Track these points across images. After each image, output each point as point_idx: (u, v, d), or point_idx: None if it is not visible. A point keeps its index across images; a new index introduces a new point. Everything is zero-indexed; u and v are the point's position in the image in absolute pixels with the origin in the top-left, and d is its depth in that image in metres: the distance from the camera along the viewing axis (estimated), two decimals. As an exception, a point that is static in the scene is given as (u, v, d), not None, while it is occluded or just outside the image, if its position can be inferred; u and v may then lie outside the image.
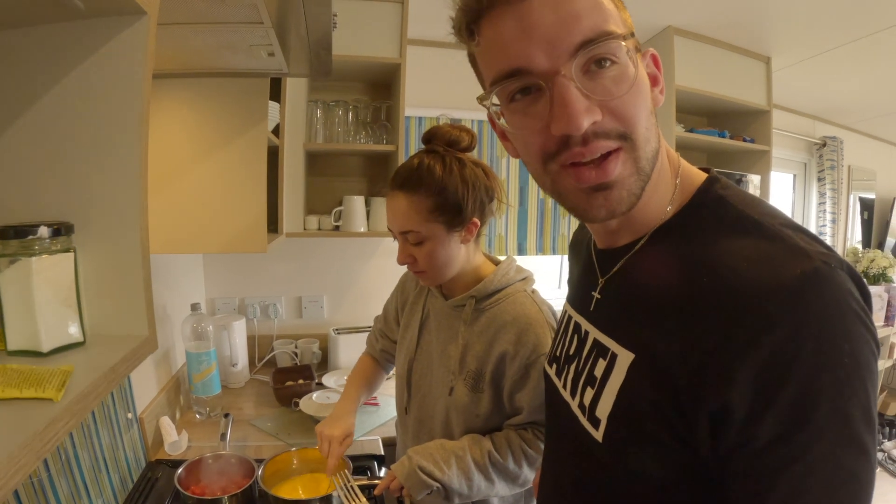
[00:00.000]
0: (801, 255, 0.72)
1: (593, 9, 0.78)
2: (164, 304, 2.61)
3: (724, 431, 0.73)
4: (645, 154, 0.82)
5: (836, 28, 3.37)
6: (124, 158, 1.03)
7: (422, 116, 3.55)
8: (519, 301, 1.66)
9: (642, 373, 0.85)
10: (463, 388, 1.66)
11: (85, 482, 1.68)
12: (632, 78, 0.79)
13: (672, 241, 0.89)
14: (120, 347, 1.02)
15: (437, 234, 1.61)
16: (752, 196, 0.88)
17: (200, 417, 2.64)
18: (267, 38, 1.61)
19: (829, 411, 0.67)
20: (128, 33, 1.00)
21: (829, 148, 5.21)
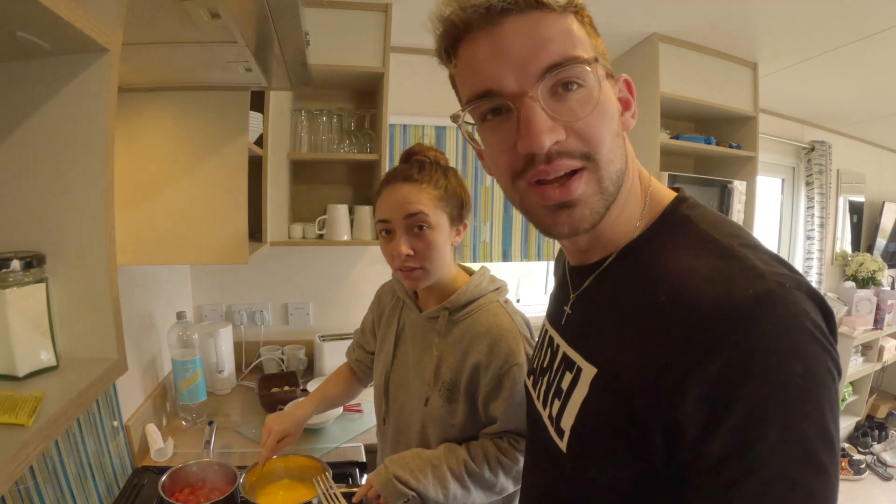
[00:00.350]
0: (754, 276, 0.74)
1: (562, 35, 0.82)
2: (150, 312, 2.63)
3: (677, 447, 0.75)
4: (609, 174, 0.85)
5: (822, 34, 3.38)
6: (91, 189, 1.05)
7: (406, 124, 3.56)
8: (492, 312, 1.67)
9: (603, 387, 0.88)
10: (438, 398, 1.67)
11: (71, 489, 1.70)
12: (596, 101, 0.83)
13: (637, 260, 0.92)
14: (90, 371, 1.05)
15: (442, 224, 1.64)
16: (718, 216, 0.91)
17: (187, 424, 2.65)
18: (242, 56, 1.63)
19: (781, 430, 0.68)
20: (92, 70, 1.03)
21: (817, 152, 5.22)
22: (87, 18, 0.94)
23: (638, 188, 0.96)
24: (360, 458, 2.43)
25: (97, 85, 1.04)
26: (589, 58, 0.82)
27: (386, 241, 1.66)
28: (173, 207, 2.09)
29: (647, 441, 0.79)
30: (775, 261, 0.79)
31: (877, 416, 5.94)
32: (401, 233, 1.62)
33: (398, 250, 1.61)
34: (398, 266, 1.65)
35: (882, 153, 6.37)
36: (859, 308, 5.39)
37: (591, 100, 0.83)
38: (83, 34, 0.94)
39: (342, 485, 1.89)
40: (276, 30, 1.56)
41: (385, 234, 1.66)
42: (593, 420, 0.90)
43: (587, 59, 0.82)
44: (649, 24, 3.35)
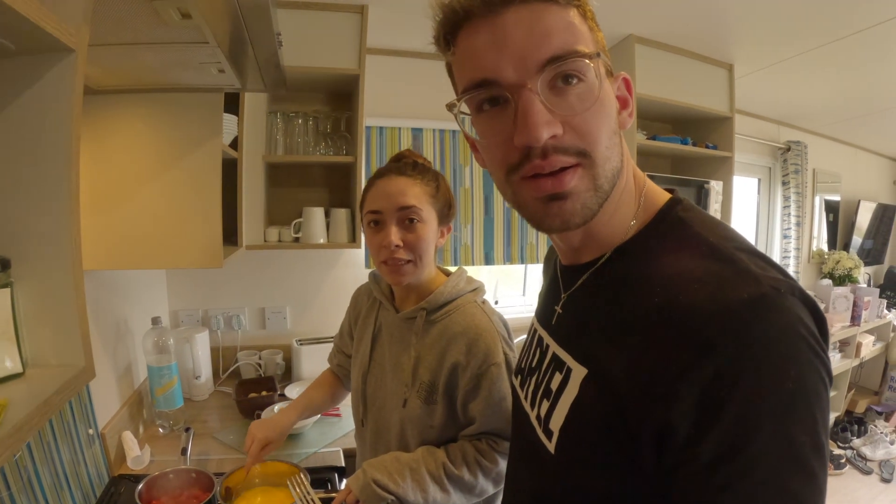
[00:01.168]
0: (749, 280, 0.74)
1: (565, 28, 0.81)
2: (125, 318, 2.60)
3: (667, 450, 0.74)
4: (604, 172, 0.84)
5: (797, 36, 3.41)
6: (56, 193, 1.04)
7: (382, 126, 3.54)
8: (469, 312, 1.68)
9: (594, 388, 0.87)
10: (416, 399, 1.67)
11: (46, 499, 1.67)
12: (596, 97, 0.82)
13: (630, 260, 0.91)
14: (57, 378, 1.03)
15: (432, 220, 1.65)
16: (713, 219, 0.90)
17: (164, 431, 2.62)
18: (215, 57, 1.62)
19: (772, 434, 0.67)
20: (57, 70, 1.01)
21: (793, 152, 5.27)
22: (52, 18, 0.93)
23: (633, 188, 0.96)
24: (339, 462, 2.42)
25: (62, 86, 1.03)
26: (590, 52, 0.82)
27: (374, 233, 1.66)
28: (147, 211, 2.07)
29: (637, 443, 0.78)
30: (770, 265, 0.78)
31: (856, 412, 6.01)
32: (392, 223, 1.62)
33: (388, 240, 1.60)
34: (385, 257, 1.64)
35: (857, 153, 6.45)
36: (836, 305, 5.44)
37: (591, 95, 0.82)
38: (47, 34, 0.93)
39: (320, 490, 1.87)
40: (247, 30, 1.55)
41: (373, 226, 1.66)
42: (583, 421, 0.89)
43: (588, 54, 0.81)
44: (625, 25, 3.37)
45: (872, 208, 6.61)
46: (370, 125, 3.49)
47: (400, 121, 3.56)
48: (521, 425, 1.12)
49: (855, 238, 6.42)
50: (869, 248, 6.69)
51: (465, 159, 3.78)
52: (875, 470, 5.08)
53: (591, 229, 0.93)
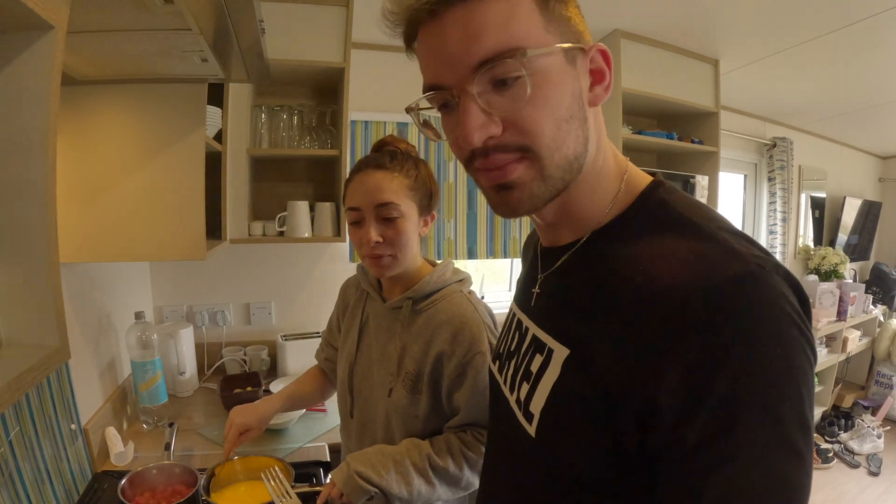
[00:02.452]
0: (734, 258, 0.73)
1: (500, 25, 0.79)
2: (108, 312, 2.58)
3: (652, 431, 0.73)
4: (553, 162, 0.84)
5: (783, 32, 3.43)
6: (32, 173, 1.02)
7: (367, 121, 3.53)
8: (455, 301, 1.68)
9: (576, 368, 0.86)
10: (402, 389, 1.66)
11: (28, 495, 1.64)
12: (536, 92, 0.81)
13: (611, 242, 0.90)
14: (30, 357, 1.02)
15: (412, 213, 1.64)
16: (695, 201, 0.90)
17: (148, 427, 2.60)
18: (197, 45, 1.61)
19: (760, 413, 0.67)
20: (36, 48, 1.00)
21: (779, 149, 5.30)
22: (33, -7, 0.91)
23: (612, 170, 0.95)
24: (324, 457, 2.40)
25: (40, 64, 1.02)
26: (530, 45, 0.79)
27: (355, 229, 1.66)
28: (129, 203, 2.05)
29: (621, 424, 0.77)
30: (752, 244, 0.78)
31: (843, 406, 6.05)
32: (371, 220, 1.61)
33: (367, 237, 1.60)
34: (367, 253, 1.65)
35: (842, 149, 6.49)
36: (822, 301, 5.46)
37: (533, 91, 0.81)
38: (27, 8, 0.91)
39: (304, 484, 1.86)
40: (230, 16, 1.54)
41: (354, 224, 1.66)
42: (565, 402, 0.87)
43: (523, 49, 0.79)
44: (611, 20, 3.38)
45: (858, 205, 6.64)
46: (355, 119, 3.48)
47: (385, 115, 3.55)
48: (500, 411, 1.11)
49: (840, 235, 6.45)
50: (855, 244, 6.73)
51: (450, 154, 3.77)
52: (862, 464, 5.11)
53: (567, 210, 0.94)
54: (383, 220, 1.61)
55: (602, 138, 0.92)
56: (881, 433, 5.41)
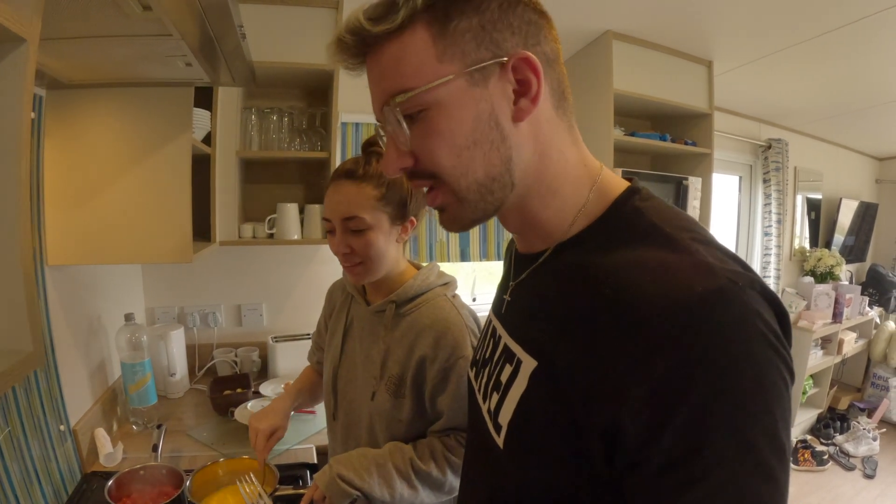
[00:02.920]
0: (705, 272, 0.71)
1: (393, 67, 0.84)
2: (98, 314, 2.58)
3: (617, 450, 0.72)
4: (462, 187, 0.87)
5: (778, 32, 3.42)
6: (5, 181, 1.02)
7: (358, 122, 3.53)
8: (438, 305, 1.68)
9: (543, 382, 0.84)
10: (385, 393, 1.66)
11: (16, 495, 1.66)
12: (431, 124, 0.84)
13: (582, 251, 0.88)
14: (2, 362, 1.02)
15: (381, 224, 1.63)
16: (672, 209, 0.87)
17: (137, 428, 2.61)
18: (180, 50, 1.61)
19: (729, 436, 0.65)
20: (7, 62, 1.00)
21: (774, 150, 5.29)
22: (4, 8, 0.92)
23: (577, 177, 0.92)
24: (312, 459, 2.41)
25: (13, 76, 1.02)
26: (417, 83, 0.82)
27: (331, 238, 1.67)
28: (117, 205, 2.06)
29: (586, 442, 0.75)
30: (729, 257, 0.75)
31: (838, 408, 6.05)
32: (339, 231, 1.64)
33: (336, 247, 1.65)
34: (340, 261, 1.68)
35: (838, 151, 6.49)
36: (818, 302, 5.46)
37: (423, 127, 0.84)
38: (-1, 24, 0.92)
39: (289, 487, 1.86)
40: (208, 23, 1.54)
41: (330, 233, 1.68)
42: (531, 416, 0.86)
43: (408, 88, 0.82)
44: (602, 21, 3.36)
45: (854, 206, 6.64)
46: (346, 121, 3.49)
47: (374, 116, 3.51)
48: (475, 419, 1.11)
49: (837, 236, 6.44)
50: (851, 246, 6.73)
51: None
52: (858, 466, 5.11)
53: (527, 220, 0.94)
54: (351, 232, 1.63)
55: (550, 149, 0.89)
56: (877, 435, 5.42)
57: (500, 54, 0.83)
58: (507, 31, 0.83)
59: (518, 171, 0.87)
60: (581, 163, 0.93)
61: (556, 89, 0.89)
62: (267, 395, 2.87)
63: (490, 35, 0.82)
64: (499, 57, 0.83)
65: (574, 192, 0.92)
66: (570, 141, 0.92)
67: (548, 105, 0.88)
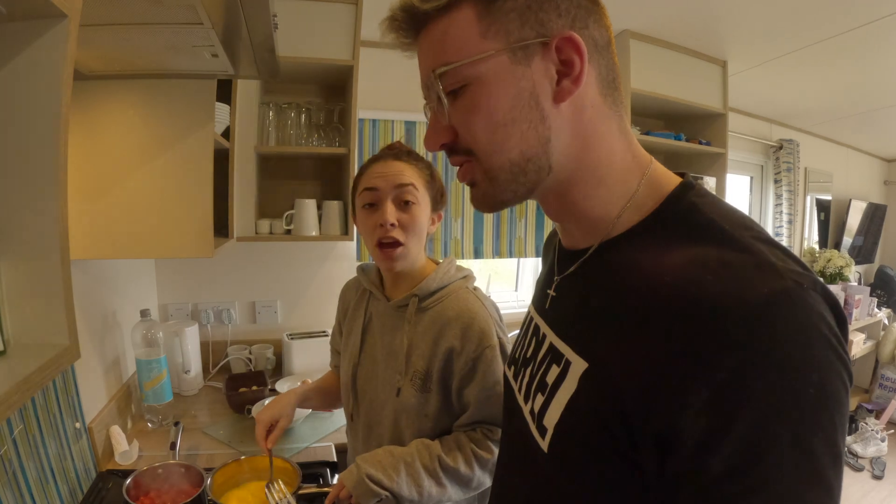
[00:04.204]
0: (770, 272, 0.68)
1: (439, 43, 0.87)
2: (113, 310, 2.56)
3: (672, 457, 0.68)
4: (495, 164, 0.87)
5: (791, 33, 3.42)
6: (43, 165, 1.01)
7: (375, 119, 3.52)
8: (461, 297, 1.69)
9: (594, 384, 0.81)
10: (410, 388, 1.65)
11: (32, 494, 1.63)
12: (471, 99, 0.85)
13: (634, 247, 0.85)
14: (39, 357, 1.00)
15: (426, 204, 1.68)
16: (728, 206, 0.84)
17: (152, 426, 2.59)
18: (208, 39, 1.59)
19: (791, 444, 0.62)
20: (48, 37, 0.98)
21: (785, 150, 5.28)
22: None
23: (625, 167, 0.89)
24: (331, 457, 2.39)
25: (53, 53, 1.00)
26: (459, 58, 0.84)
27: (368, 214, 1.66)
28: (137, 199, 2.03)
29: (638, 447, 0.73)
30: (790, 257, 0.72)
31: (848, 410, 6.03)
32: (388, 202, 1.63)
33: (384, 218, 1.61)
34: (380, 237, 1.64)
35: (848, 152, 6.48)
36: (827, 304, 5.45)
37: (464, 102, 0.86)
38: (41, -3, 0.89)
39: (312, 485, 1.84)
40: (243, 10, 1.51)
41: (368, 207, 1.67)
42: (580, 419, 0.82)
43: (450, 63, 0.85)
44: (621, 20, 3.36)
45: (863, 207, 6.63)
46: (363, 117, 3.47)
47: (393, 114, 3.54)
48: (514, 420, 1.07)
49: (845, 237, 6.44)
50: (859, 247, 6.72)
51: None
52: (866, 467, 5.09)
53: (569, 208, 0.92)
54: (400, 205, 1.64)
55: (594, 136, 0.87)
56: (885, 437, 5.40)
57: (545, 34, 0.83)
58: (554, 13, 0.83)
59: (556, 155, 0.86)
60: (629, 153, 0.90)
61: (604, 76, 0.87)
62: (283, 392, 2.84)
63: (535, 15, 0.82)
64: (543, 36, 0.82)
65: (621, 182, 0.89)
66: (617, 131, 0.89)
67: (594, 91, 0.86)
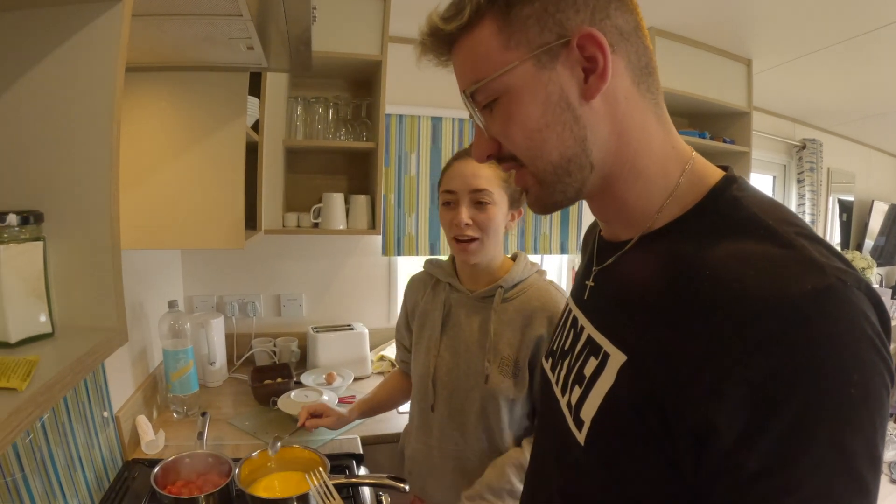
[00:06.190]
0: (813, 269, 0.67)
1: (468, 60, 0.89)
2: (140, 301, 2.59)
3: (708, 454, 0.68)
4: (539, 167, 0.88)
5: (816, 32, 3.39)
6: (95, 148, 1.01)
7: (402, 114, 3.52)
8: (543, 289, 1.81)
9: (632, 377, 0.81)
10: (498, 374, 1.75)
11: (60, 481, 1.65)
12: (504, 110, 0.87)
13: (675, 240, 0.84)
14: (88, 339, 1.01)
15: (502, 203, 1.76)
16: (771, 200, 0.83)
17: (178, 416, 2.61)
18: (246, 31, 1.59)
19: (829, 445, 0.61)
20: (102, 20, 0.99)
21: (808, 150, 5.23)
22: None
23: (666, 159, 0.88)
24: (357, 449, 2.40)
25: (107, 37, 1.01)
26: (486, 74, 0.86)
27: (447, 211, 1.80)
28: (168, 190, 2.05)
29: (675, 442, 0.72)
30: (833, 254, 0.71)
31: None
32: (464, 204, 1.74)
33: (458, 218, 1.73)
34: (455, 235, 1.76)
35: (872, 153, 6.41)
36: (850, 306, 5.40)
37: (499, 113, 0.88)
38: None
39: (340, 475, 1.86)
40: (283, 2, 1.52)
41: (447, 205, 1.80)
42: (618, 412, 0.82)
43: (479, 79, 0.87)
44: (646, 18, 3.30)
45: (885, 209, 6.57)
46: (390, 112, 3.47)
47: (420, 109, 3.55)
48: (551, 413, 1.06)
49: (867, 239, 6.38)
50: (881, 248, 6.66)
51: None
52: (885, 471, 5.03)
53: (614, 204, 0.93)
54: (476, 206, 1.74)
55: (630, 128, 0.86)
56: (905, 440, 5.35)
57: (565, 34, 0.82)
58: (571, 10, 0.82)
59: (596, 152, 0.86)
60: (668, 144, 0.90)
61: (635, 64, 0.86)
62: (308, 384, 2.86)
63: (553, 17, 0.82)
64: (563, 37, 0.82)
65: (662, 174, 0.88)
66: (654, 120, 0.88)
67: (626, 81, 0.85)
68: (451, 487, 1.84)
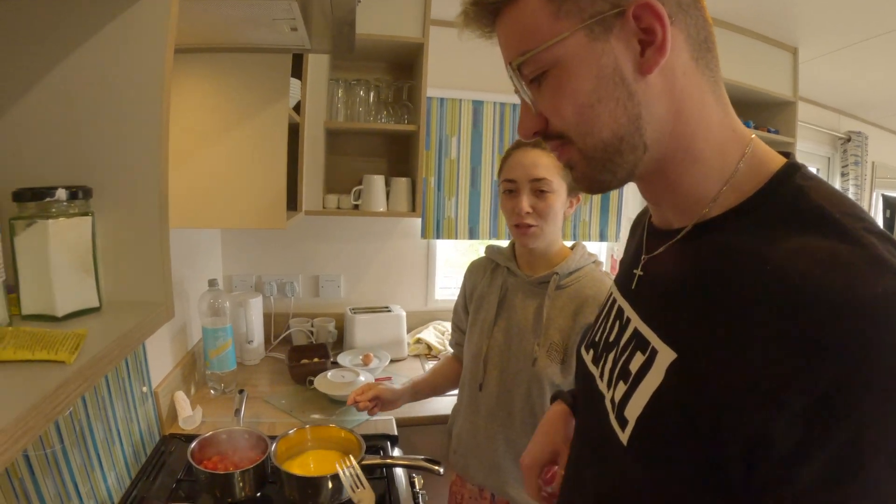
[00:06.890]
0: (885, 269, 0.62)
1: (517, 30, 0.84)
2: (181, 279, 2.62)
3: (761, 464, 0.64)
4: (588, 144, 0.83)
5: (866, 20, 3.31)
6: (145, 124, 1.03)
7: (443, 97, 3.50)
8: (598, 278, 1.86)
9: (683, 377, 0.76)
10: (546, 359, 1.79)
11: (98, 454, 1.68)
12: (554, 84, 0.82)
13: (733, 230, 0.79)
14: (135, 314, 1.02)
15: (561, 191, 1.81)
16: (837, 192, 0.77)
17: (215, 393, 2.64)
18: (290, 13, 1.59)
19: (890, 461, 0.58)
20: (151, 0, 1.00)
21: (853, 143, 5.13)
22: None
23: (724, 143, 0.83)
24: (392, 431, 2.42)
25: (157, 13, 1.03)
26: (535, 44, 0.81)
27: (507, 198, 1.85)
28: (211, 170, 2.07)
29: (725, 449, 0.68)
30: None
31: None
32: (524, 192, 1.79)
33: (519, 206, 1.78)
34: (516, 222, 1.82)
35: (919, 148, 6.28)
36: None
37: (548, 87, 0.84)
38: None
39: (375, 456, 1.87)
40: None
41: (507, 193, 1.84)
42: (665, 414, 0.78)
43: (526, 51, 0.82)
44: (690, 2, 3.29)
45: (931, 206, 6.44)
46: (430, 95, 3.44)
47: (461, 92, 3.53)
48: (592, 407, 1.02)
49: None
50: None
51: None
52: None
53: (667, 188, 0.87)
54: (536, 194, 1.79)
55: (688, 106, 0.81)
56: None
57: (619, 3, 0.76)
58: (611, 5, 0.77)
59: (650, 131, 0.80)
60: (727, 126, 0.84)
61: (694, 38, 0.80)
62: (345, 365, 2.87)
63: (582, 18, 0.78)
64: (618, 6, 0.76)
65: (719, 158, 0.83)
66: (713, 99, 0.83)
67: (684, 56, 0.80)
68: (492, 468, 1.87)
